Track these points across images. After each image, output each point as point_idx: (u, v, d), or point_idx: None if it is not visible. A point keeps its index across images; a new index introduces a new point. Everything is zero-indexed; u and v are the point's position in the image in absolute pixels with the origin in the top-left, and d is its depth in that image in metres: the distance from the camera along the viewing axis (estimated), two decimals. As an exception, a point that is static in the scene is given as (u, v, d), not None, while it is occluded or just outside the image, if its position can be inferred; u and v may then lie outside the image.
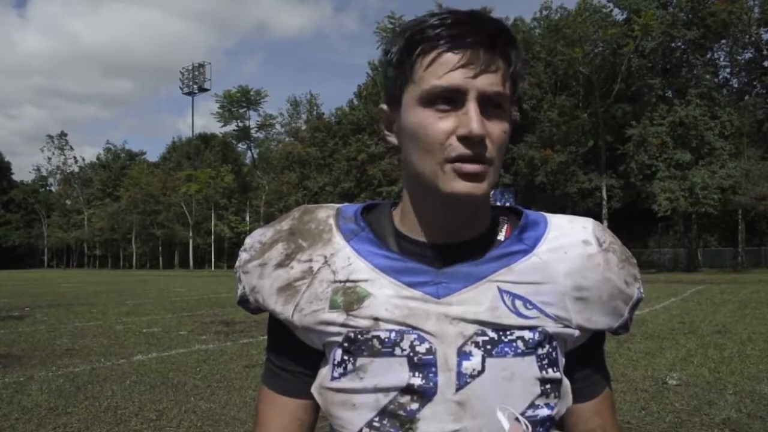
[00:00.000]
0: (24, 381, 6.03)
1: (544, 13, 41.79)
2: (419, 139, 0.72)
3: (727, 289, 18.70)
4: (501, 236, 0.80)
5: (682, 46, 38.46)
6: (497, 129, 0.71)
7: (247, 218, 60.46)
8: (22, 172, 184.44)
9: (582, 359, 0.81)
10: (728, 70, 40.43)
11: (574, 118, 38.08)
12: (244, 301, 0.83)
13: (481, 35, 0.70)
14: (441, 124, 0.70)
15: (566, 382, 0.78)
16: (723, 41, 38.81)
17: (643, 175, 36.12)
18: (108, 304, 15.89)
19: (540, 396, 0.74)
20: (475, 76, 0.69)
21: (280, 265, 0.78)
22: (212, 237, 62.28)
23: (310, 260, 0.77)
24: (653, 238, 43.69)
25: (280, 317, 0.78)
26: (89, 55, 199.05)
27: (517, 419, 0.69)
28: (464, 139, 0.69)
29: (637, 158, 35.98)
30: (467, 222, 0.77)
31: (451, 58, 0.69)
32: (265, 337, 0.87)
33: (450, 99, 0.70)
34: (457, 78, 0.69)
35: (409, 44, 0.72)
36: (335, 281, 0.75)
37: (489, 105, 0.70)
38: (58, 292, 21.54)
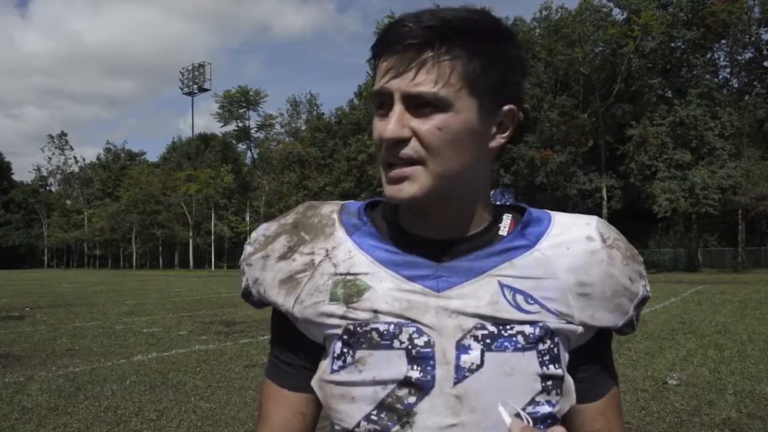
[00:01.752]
0: (24, 381, 6.03)
1: (544, 13, 41.83)
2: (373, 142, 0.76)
3: (727, 289, 18.70)
4: (503, 232, 0.79)
5: (682, 46, 38.48)
6: (427, 126, 0.69)
7: (247, 218, 60.47)
8: (23, 172, 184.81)
9: (587, 358, 0.80)
10: (728, 70, 40.50)
11: (574, 118, 38.11)
12: (247, 294, 0.83)
13: (412, 35, 0.69)
14: (378, 126, 0.73)
15: (569, 379, 0.77)
16: (723, 41, 38.82)
17: (643, 176, 36.14)
18: (108, 304, 15.88)
19: (541, 392, 0.73)
20: (394, 79, 0.70)
21: (283, 257, 0.79)
22: (212, 237, 62.29)
23: (312, 253, 0.77)
24: (653, 238, 43.70)
25: (281, 309, 0.79)
26: (91, 55, 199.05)
27: (518, 414, 0.69)
28: (383, 142, 0.71)
29: (637, 158, 36.00)
30: (452, 220, 0.77)
31: (383, 64, 0.72)
32: (266, 337, 0.88)
33: (384, 104, 0.72)
34: (382, 82, 0.71)
35: (372, 57, 0.76)
36: (336, 274, 0.76)
37: (418, 104, 0.70)
38: (58, 292, 21.53)
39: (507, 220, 0.81)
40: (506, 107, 0.75)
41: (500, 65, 0.72)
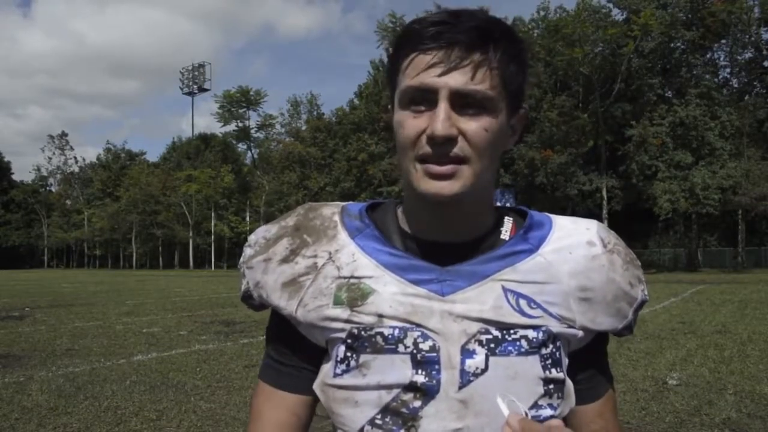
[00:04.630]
0: (24, 381, 6.03)
1: (542, 13, 41.81)
2: (397, 138, 0.73)
3: (727, 289, 18.70)
4: (505, 236, 0.80)
5: (682, 46, 38.47)
6: (474, 126, 0.70)
7: (247, 218, 60.46)
8: (23, 172, 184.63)
9: (585, 361, 0.81)
10: (728, 70, 40.47)
11: (574, 118, 38.06)
12: (247, 297, 0.83)
13: (458, 33, 0.69)
14: (414, 122, 0.71)
15: (569, 382, 0.78)
16: (723, 41, 38.81)
17: (644, 176, 36.14)
18: (108, 304, 15.88)
19: (543, 396, 0.74)
20: (444, 75, 0.68)
21: (285, 260, 0.78)
22: (212, 237, 62.27)
23: (315, 256, 0.77)
24: (653, 238, 43.72)
25: (283, 312, 0.78)
26: (95, 55, 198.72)
27: (516, 407, 0.70)
28: (430, 139, 0.69)
29: (637, 159, 35.98)
30: (462, 221, 0.77)
31: (424, 58, 0.70)
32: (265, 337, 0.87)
33: (423, 99, 0.70)
34: (426, 78, 0.69)
35: (395, 50, 0.74)
36: (339, 277, 0.75)
37: (465, 103, 0.69)
38: (58, 292, 21.53)
39: (508, 223, 0.81)
40: (521, 110, 0.77)
41: (524, 70, 0.75)
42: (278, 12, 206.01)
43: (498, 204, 0.85)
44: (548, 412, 0.74)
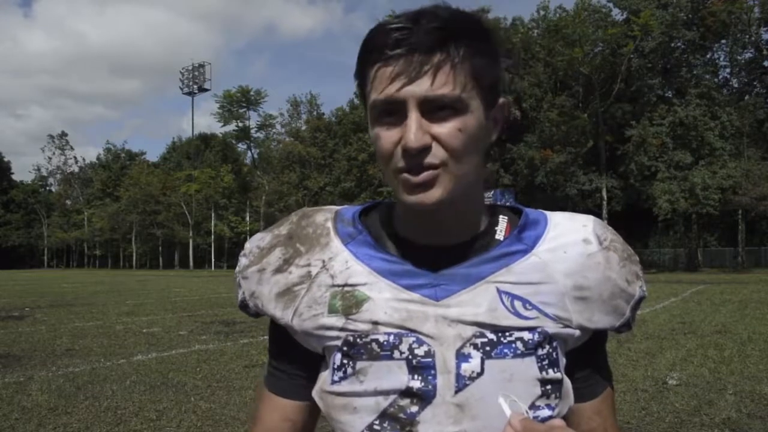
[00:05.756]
0: (24, 381, 6.03)
1: (542, 13, 41.82)
2: (376, 152, 0.73)
3: (727, 289, 18.69)
4: (500, 236, 0.79)
5: (682, 46, 38.49)
6: (447, 129, 0.68)
7: (247, 218, 60.44)
8: (23, 172, 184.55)
9: (583, 359, 0.81)
10: (728, 70, 40.49)
11: (574, 118, 38.08)
12: (244, 306, 0.83)
13: (416, 38, 0.67)
14: (388, 134, 0.70)
15: (567, 382, 0.77)
16: (723, 41, 38.83)
17: (643, 176, 36.15)
18: (108, 304, 15.89)
19: (541, 397, 0.73)
20: (408, 85, 0.67)
21: (279, 270, 0.78)
22: (212, 237, 62.26)
23: (309, 265, 0.77)
24: (653, 238, 43.77)
25: (279, 322, 0.78)
26: (96, 55, 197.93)
27: (517, 407, 0.70)
28: (404, 152, 0.68)
29: (636, 159, 35.99)
30: (454, 223, 0.77)
31: (386, 70, 0.68)
32: (265, 337, 0.88)
33: (393, 111, 0.69)
34: (391, 90, 0.68)
35: (359, 62, 0.73)
36: (334, 285, 0.75)
37: (435, 107, 0.68)
38: (58, 292, 21.53)
39: (503, 223, 0.80)
40: (500, 101, 0.75)
41: (496, 60, 0.73)
42: (280, 12, 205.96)
43: (498, 204, 0.85)
44: (546, 412, 0.74)
